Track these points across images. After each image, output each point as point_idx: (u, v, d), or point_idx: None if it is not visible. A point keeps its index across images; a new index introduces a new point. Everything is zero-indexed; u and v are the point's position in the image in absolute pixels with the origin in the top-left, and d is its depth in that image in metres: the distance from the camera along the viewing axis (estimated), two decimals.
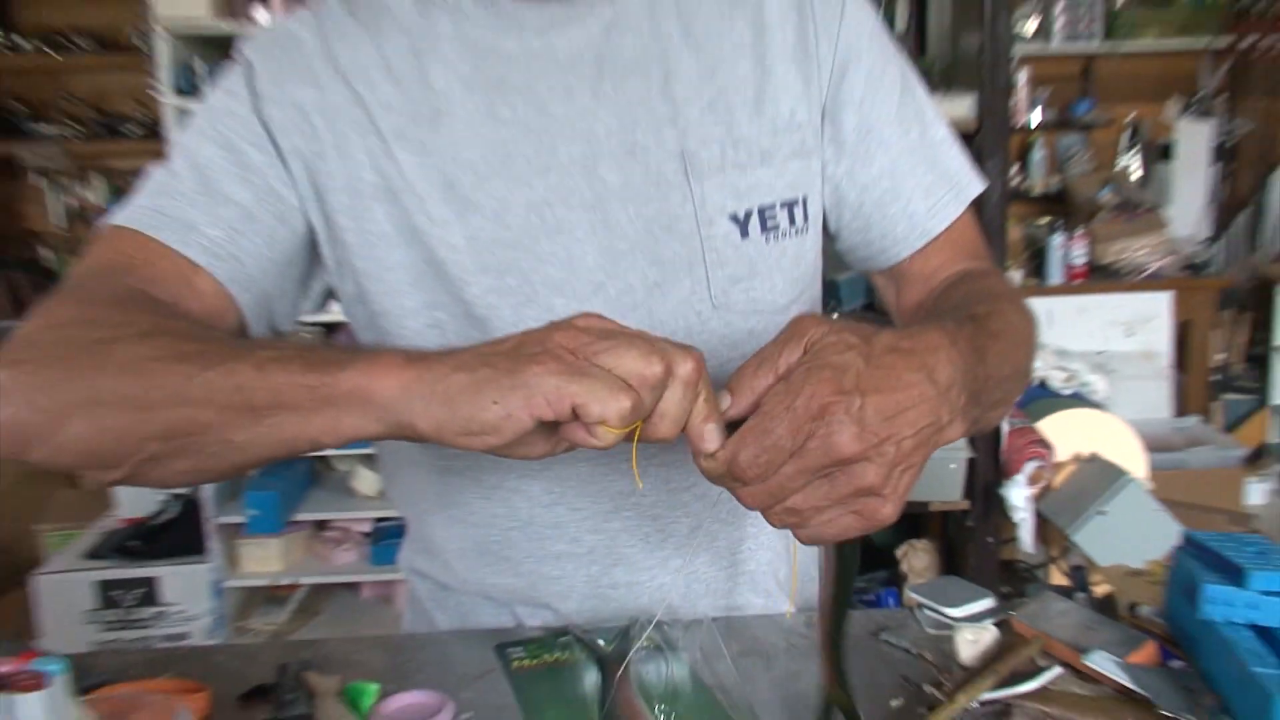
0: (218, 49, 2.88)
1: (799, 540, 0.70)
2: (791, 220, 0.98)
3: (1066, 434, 2.71)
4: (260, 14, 2.79)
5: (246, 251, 0.91)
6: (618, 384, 0.62)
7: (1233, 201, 4.70)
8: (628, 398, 0.62)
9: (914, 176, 1.00)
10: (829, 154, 1.00)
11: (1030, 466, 2.59)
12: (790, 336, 0.67)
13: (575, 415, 0.63)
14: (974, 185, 1.04)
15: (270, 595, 3.07)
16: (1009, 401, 0.89)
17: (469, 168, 0.93)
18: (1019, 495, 2.59)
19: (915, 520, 3.01)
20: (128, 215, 0.90)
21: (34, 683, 0.68)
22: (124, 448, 0.73)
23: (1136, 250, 4.21)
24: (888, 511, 0.67)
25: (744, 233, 0.95)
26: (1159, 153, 4.62)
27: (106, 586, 3.04)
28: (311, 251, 0.98)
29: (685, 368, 0.65)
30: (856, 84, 0.98)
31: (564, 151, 0.93)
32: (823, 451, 0.64)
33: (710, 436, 0.66)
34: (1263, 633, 0.80)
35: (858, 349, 0.66)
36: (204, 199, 0.90)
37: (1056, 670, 0.83)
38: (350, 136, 0.93)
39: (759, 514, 0.98)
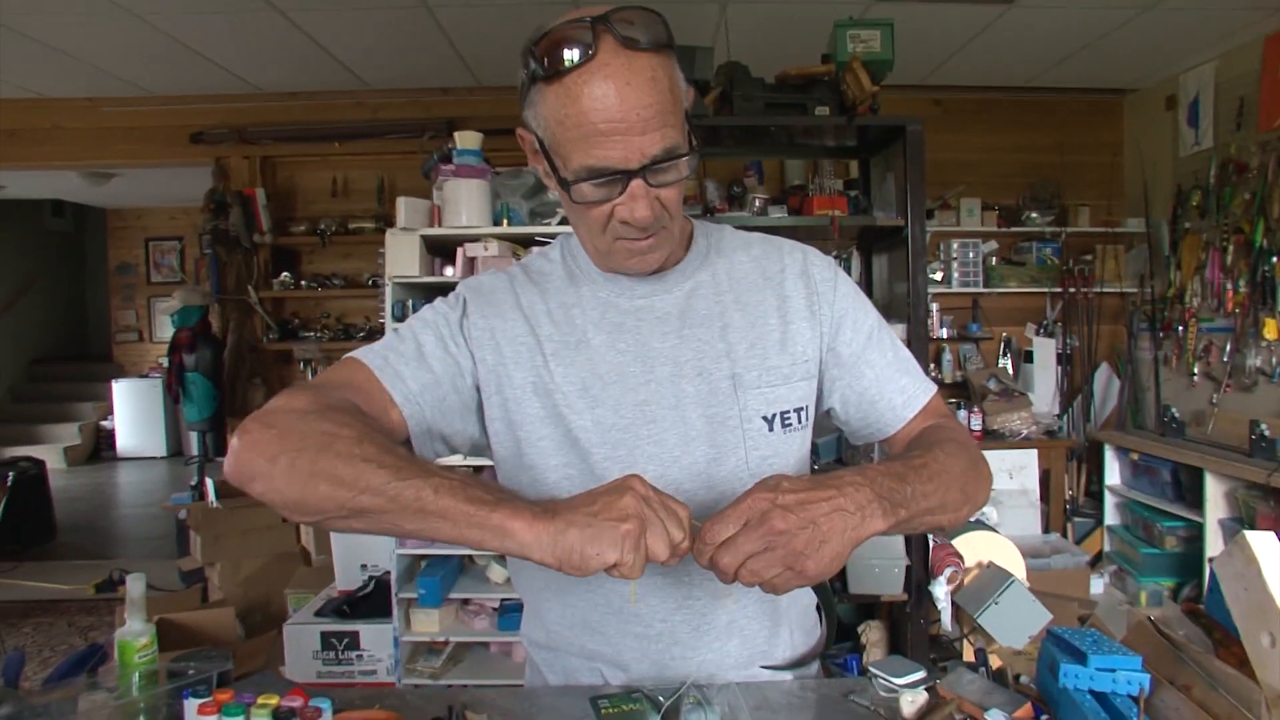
0: (422, 291, 2.97)
1: (765, 591, 0.75)
2: (799, 420, 0.98)
3: (972, 548, 2.64)
4: (449, 271, 2.89)
5: (428, 404, 0.91)
6: (643, 562, 0.71)
7: (1071, 390, 4.66)
8: (641, 571, 0.72)
9: (892, 383, 1.01)
10: (835, 373, 1.01)
11: (948, 570, 2.52)
12: (753, 485, 0.77)
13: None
14: (930, 384, 1.04)
15: (430, 647, 2.99)
16: (946, 509, 0.88)
17: (597, 378, 0.94)
18: (941, 590, 2.51)
19: (871, 607, 2.90)
20: (364, 354, 0.92)
21: (314, 714, 0.69)
22: (322, 508, 0.74)
23: (1013, 421, 4.17)
24: (811, 567, 0.73)
25: (770, 428, 0.96)
26: (1023, 357, 4.62)
27: (327, 635, 2.99)
28: (473, 417, 0.97)
29: (677, 537, 0.73)
30: (848, 330, 1.01)
31: (658, 371, 0.95)
32: (764, 527, 0.72)
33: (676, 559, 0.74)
34: (1099, 697, 0.79)
35: (787, 478, 0.76)
36: (414, 364, 0.92)
37: None
38: (522, 354, 0.95)
39: (772, 618, 0.98)
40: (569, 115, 0.80)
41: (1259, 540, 0.76)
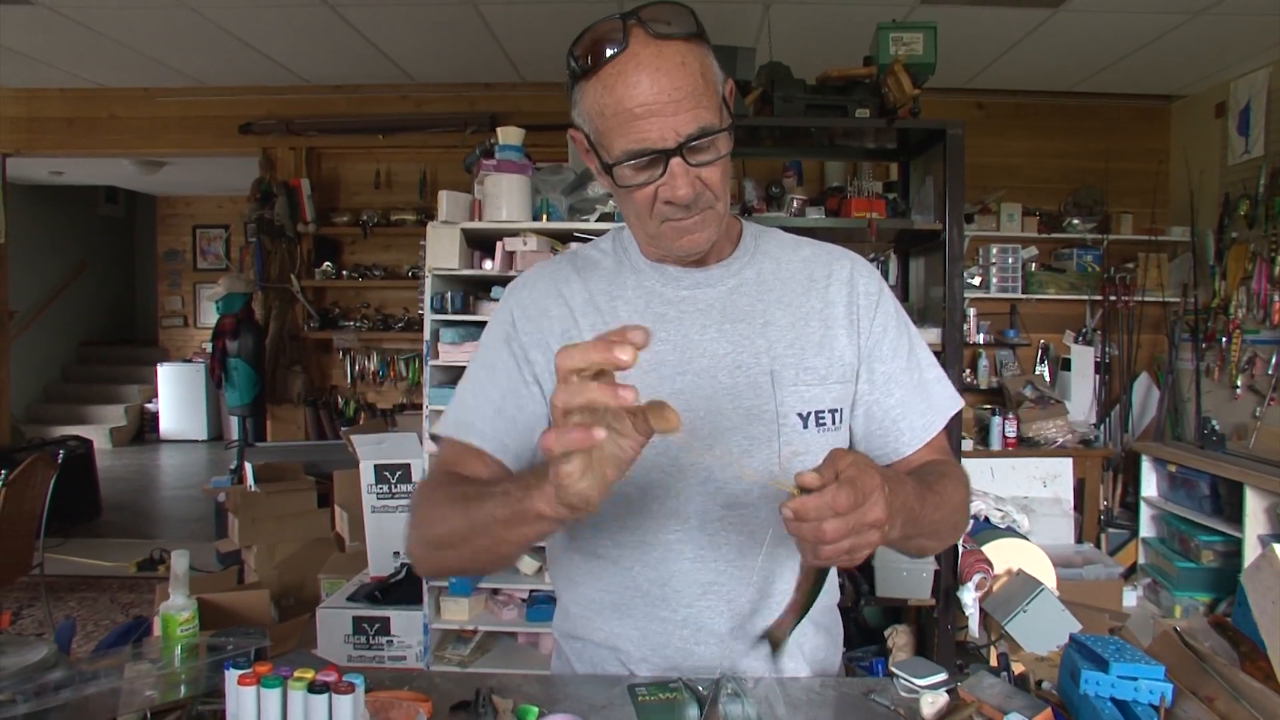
0: (461, 283, 3.00)
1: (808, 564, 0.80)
2: (834, 422, 0.99)
3: (1001, 555, 2.63)
4: (488, 264, 2.92)
5: (503, 432, 0.98)
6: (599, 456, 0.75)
7: (1109, 399, 4.59)
8: (619, 472, 0.76)
9: (915, 407, 1.02)
10: (864, 388, 1.02)
11: (977, 577, 2.51)
12: (838, 454, 0.76)
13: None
14: (952, 407, 1.05)
15: (459, 635, 3.01)
16: (940, 537, 0.95)
17: (637, 367, 0.97)
18: (969, 596, 2.50)
19: (898, 611, 2.89)
20: (442, 428, 1.02)
21: (348, 689, 0.71)
22: (436, 551, 0.93)
23: (1048, 429, 4.13)
24: (875, 538, 0.75)
25: (804, 426, 0.97)
26: (1061, 365, 4.57)
27: (358, 620, 3.03)
28: (546, 422, 0.99)
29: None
30: (884, 348, 1.02)
31: (696, 363, 0.97)
32: (871, 509, 0.74)
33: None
34: (1119, 704, 0.79)
35: (879, 469, 0.77)
36: (481, 404, 1.00)
37: None
38: (565, 342, 0.99)
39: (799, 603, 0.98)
40: (607, 104, 0.84)
41: None
